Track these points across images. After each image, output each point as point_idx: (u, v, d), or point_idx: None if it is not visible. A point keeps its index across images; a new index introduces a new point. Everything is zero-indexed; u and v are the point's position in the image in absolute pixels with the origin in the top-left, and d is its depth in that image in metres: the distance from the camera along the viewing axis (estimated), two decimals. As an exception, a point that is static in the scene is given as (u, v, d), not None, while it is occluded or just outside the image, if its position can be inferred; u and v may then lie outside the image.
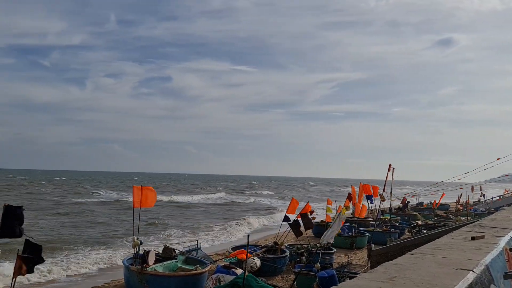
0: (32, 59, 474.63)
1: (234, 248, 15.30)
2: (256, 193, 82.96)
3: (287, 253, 14.69)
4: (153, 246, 18.48)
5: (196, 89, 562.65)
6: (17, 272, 7.85)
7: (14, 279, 8.05)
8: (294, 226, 14.63)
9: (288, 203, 16.89)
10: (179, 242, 20.52)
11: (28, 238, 8.66)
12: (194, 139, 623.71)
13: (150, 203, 12.57)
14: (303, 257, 13.07)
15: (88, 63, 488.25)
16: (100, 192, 65.87)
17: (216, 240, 23.65)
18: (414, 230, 20.34)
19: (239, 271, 11.37)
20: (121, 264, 12.49)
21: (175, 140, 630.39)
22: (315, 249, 13.54)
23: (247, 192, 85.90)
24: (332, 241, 13.17)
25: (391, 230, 21.75)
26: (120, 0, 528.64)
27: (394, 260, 4.37)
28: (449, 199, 50.96)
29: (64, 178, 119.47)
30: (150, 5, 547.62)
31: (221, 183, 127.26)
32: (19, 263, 7.84)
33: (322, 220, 23.10)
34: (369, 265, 11.64)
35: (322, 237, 12.99)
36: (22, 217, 8.50)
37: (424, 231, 17.41)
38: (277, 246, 15.09)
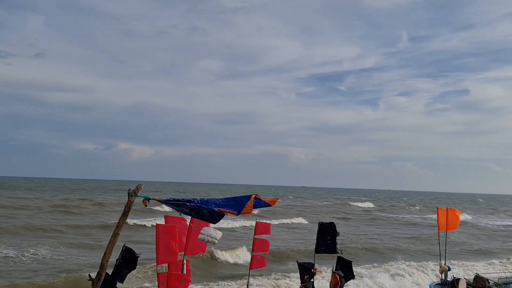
0: (330, 85, 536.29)
1: None
2: None
3: None
4: (461, 273, 17.00)
5: (498, 100, 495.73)
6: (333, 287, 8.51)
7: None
8: None
9: None
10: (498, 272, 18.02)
11: (339, 254, 9.38)
12: (497, 156, 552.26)
13: (454, 226, 11.92)
14: None
15: (381, 84, 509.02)
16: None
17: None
18: None
19: None
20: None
21: (473, 157, 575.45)
22: None
23: None
24: None
25: None
26: (412, 17, 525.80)
27: None
28: None
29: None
30: (443, 17, 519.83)
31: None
32: (334, 279, 8.48)
33: None
34: None
35: None
36: (335, 233, 9.34)
37: None
38: None
